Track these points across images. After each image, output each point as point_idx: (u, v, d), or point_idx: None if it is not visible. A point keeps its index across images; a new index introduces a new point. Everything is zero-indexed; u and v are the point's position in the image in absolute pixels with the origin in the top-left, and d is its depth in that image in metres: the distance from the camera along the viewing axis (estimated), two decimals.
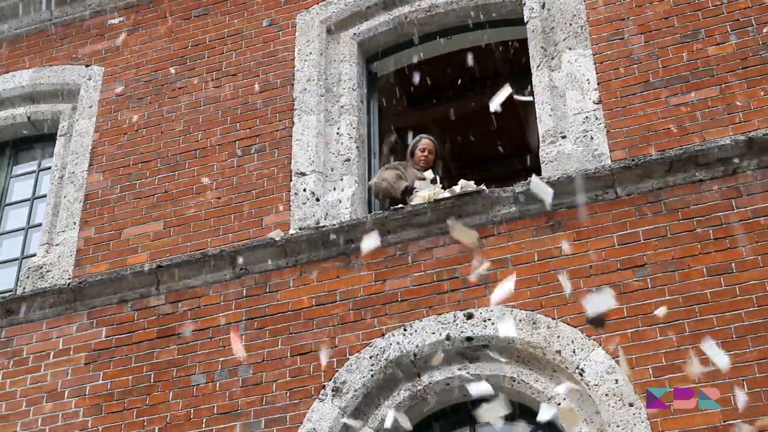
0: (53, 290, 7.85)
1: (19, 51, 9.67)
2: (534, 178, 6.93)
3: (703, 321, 6.33)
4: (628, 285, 6.61)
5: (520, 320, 6.69)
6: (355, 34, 8.65)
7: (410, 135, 8.66)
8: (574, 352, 6.48)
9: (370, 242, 6.83)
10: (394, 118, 10.60)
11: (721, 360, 5.88)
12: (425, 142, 8.27)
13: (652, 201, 6.87)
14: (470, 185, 7.36)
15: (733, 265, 6.47)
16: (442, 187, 7.82)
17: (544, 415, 6.18)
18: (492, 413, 5.99)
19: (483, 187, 7.34)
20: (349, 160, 8.01)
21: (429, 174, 8.03)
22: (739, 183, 6.75)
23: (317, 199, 7.77)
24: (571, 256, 6.83)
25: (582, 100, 7.46)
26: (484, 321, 6.77)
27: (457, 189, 7.50)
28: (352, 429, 6.70)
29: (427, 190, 7.72)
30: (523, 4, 8.21)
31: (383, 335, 6.95)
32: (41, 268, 8.13)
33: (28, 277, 8.12)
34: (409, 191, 7.74)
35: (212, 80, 8.67)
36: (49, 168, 8.99)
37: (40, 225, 8.68)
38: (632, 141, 7.16)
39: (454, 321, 6.85)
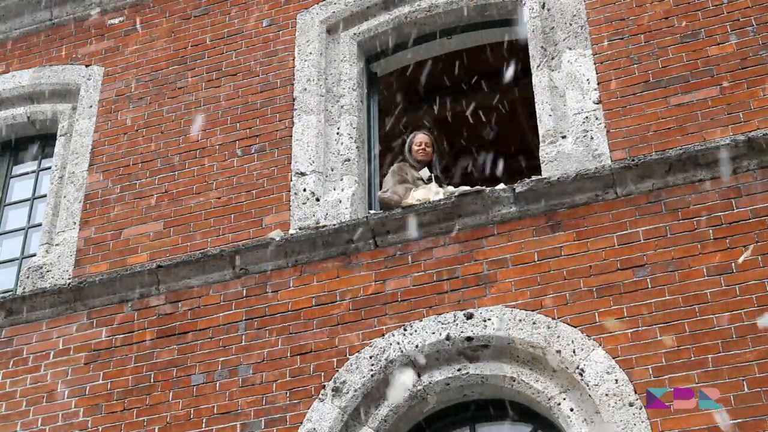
0: (53, 290, 7.85)
1: (19, 51, 9.68)
2: None
3: (703, 321, 6.34)
4: (628, 285, 6.61)
5: (520, 320, 6.70)
6: (355, 34, 8.65)
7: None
8: (574, 352, 6.48)
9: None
10: (394, 118, 10.60)
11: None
12: (421, 136, 8.28)
13: (652, 201, 6.87)
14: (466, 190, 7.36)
15: (733, 265, 6.47)
16: (439, 185, 7.83)
17: None
18: None
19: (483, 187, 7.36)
20: (349, 160, 8.01)
21: (425, 173, 8.04)
22: (739, 183, 6.75)
23: (317, 199, 7.77)
24: (571, 256, 6.83)
25: (582, 100, 7.46)
26: (484, 321, 6.77)
27: (451, 188, 7.52)
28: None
29: (422, 189, 7.73)
30: (523, 4, 8.21)
31: (383, 335, 6.96)
32: (41, 268, 8.13)
33: (28, 277, 8.12)
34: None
35: (212, 80, 8.68)
36: (49, 168, 8.99)
37: (40, 225, 8.68)
38: (632, 141, 7.16)
39: (454, 321, 6.85)
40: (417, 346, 6.83)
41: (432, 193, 7.64)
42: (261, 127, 8.27)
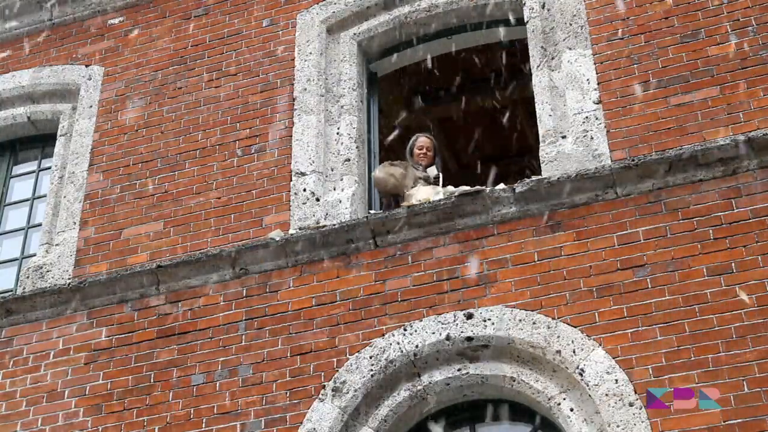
0: (53, 290, 7.85)
1: (19, 51, 9.67)
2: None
3: (703, 321, 6.34)
4: (628, 285, 6.61)
5: (520, 320, 6.70)
6: (355, 34, 8.65)
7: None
8: (574, 352, 6.48)
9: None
10: (394, 118, 10.60)
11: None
12: (423, 140, 8.29)
13: (652, 201, 6.87)
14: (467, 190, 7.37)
15: (733, 265, 6.47)
16: (443, 185, 7.84)
17: None
18: None
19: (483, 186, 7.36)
20: (349, 160, 8.02)
21: (432, 171, 8.03)
22: (739, 183, 6.75)
23: (317, 199, 7.77)
24: (571, 256, 6.83)
25: (582, 100, 7.46)
26: (484, 321, 6.77)
27: (451, 188, 7.53)
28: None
29: (422, 186, 7.73)
30: (523, 4, 8.21)
31: (383, 335, 6.95)
32: (41, 268, 8.13)
33: (28, 277, 8.12)
34: (414, 184, 7.78)
35: (212, 80, 8.68)
36: (49, 168, 8.99)
37: (40, 225, 8.68)
38: (632, 141, 7.16)
39: (454, 321, 6.85)
40: (417, 346, 6.83)
41: (432, 192, 7.64)
42: (261, 127, 8.28)
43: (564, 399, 6.47)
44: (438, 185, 7.85)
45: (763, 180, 6.71)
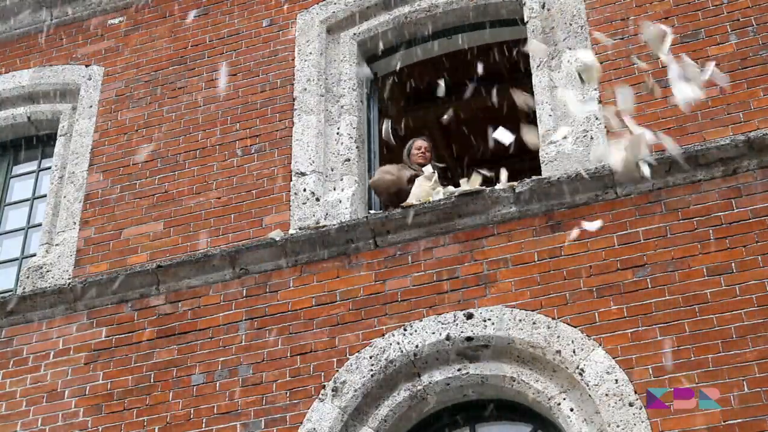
0: (53, 290, 7.85)
1: (19, 51, 9.68)
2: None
3: (703, 321, 6.34)
4: (628, 285, 6.61)
5: (520, 320, 6.70)
6: (355, 34, 8.65)
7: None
8: (574, 352, 6.48)
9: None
10: (394, 118, 10.58)
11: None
12: (420, 141, 8.38)
13: (652, 201, 6.87)
14: (477, 182, 7.37)
15: (733, 265, 6.47)
16: (442, 184, 7.84)
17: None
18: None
19: (483, 186, 7.35)
20: (349, 160, 8.02)
21: (428, 169, 8.06)
22: (739, 183, 6.75)
23: (317, 199, 7.77)
24: (571, 256, 6.83)
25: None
26: (484, 321, 6.77)
27: (451, 188, 7.53)
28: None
29: (421, 184, 7.74)
30: (523, 4, 8.21)
31: (383, 335, 6.96)
32: (41, 268, 8.13)
33: (28, 277, 8.12)
34: (412, 180, 7.79)
35: (212, 80, 8.68)
36: (49, 168, 8.99)
37: (40, 225, 8.68)
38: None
39: (454, 321, 6.85)
40: (417, 346, 6.83)
41: (431, 188, 7.66)
42: (261, 127, 8.28)
43: (564, 399, 6.47)
44: (431, 180, 7.86)
45: (763, 180, 6.71)
